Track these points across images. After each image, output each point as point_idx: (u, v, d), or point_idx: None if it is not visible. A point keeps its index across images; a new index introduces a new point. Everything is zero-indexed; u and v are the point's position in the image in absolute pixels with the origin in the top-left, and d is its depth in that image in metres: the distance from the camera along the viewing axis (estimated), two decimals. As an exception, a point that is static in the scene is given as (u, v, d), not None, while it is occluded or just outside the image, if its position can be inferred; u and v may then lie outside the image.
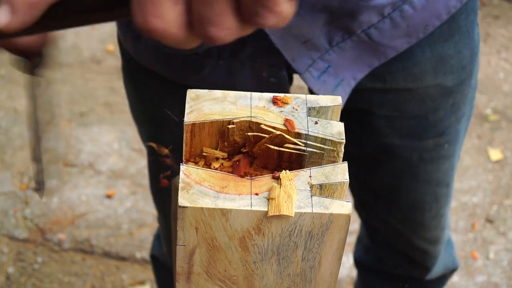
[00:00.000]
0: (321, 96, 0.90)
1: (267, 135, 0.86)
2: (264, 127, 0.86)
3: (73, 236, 2.37)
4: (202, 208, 0.79)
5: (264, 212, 0.79)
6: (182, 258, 0.85)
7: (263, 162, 0.87)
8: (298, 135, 0.86)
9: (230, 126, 0.87)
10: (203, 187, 0.81)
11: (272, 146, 0.85)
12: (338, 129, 0.87)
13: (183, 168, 0.83)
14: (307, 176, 0.83)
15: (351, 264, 2.22)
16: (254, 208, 0.79)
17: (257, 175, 0.85)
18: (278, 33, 1.08)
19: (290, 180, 0.82)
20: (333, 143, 0.86)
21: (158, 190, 1.49)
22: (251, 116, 0.87)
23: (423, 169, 1.36)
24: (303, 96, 0.89)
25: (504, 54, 3.00)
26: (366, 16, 1.10)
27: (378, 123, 1.28)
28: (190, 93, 0.89)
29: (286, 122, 0.86)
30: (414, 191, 1.41)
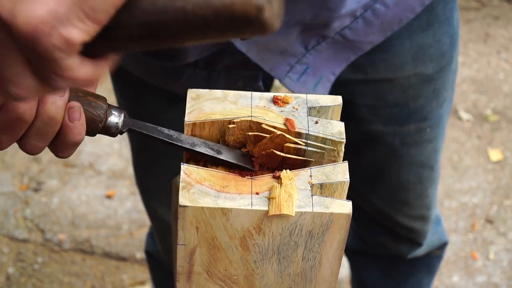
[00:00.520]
0: (321, 95, 0.90)
1: (267, 135, 0.86)
2: (266, 126, 0.86)
3: (73, 236, 2.36)
4: (202, 208, 0.79)
5: (265, 211, 0.79)
6: (182, 257, 0.85)
7: (264, 161, 0.87)
8: (299, 135, 0.86)
9: (230, 126, 0.87)
10: (203, 187, 0.81)
11: (278, 152, 0.85)
12: (338, 128, 0.87)
13: (184, 167, 0.83)
14: (307, 175, 0.83)
15: (351, 264, 2.22)
16: (254, 208, 0.79)
17: (257, 175, 0.85)
18: (254, 50, 1.11)
19: (290, 179, 0.82)
20: (333, 142, 0.86)
21: (145, 188, 1.50)
22: (251, 116, 0.87)
23: (406, 152, 1.39)
24: (303, 95, 0.89)
25: (504, 55, 3.00)
26: (338, 22, 1.13)
27: (361, 112, 1.31)
28: (191, 92, 0.89)
29: (286, 121, 0.86)
30: (398, 173, 1.43)
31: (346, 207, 0.81)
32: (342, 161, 0.87)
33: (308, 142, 0.86)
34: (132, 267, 2.31)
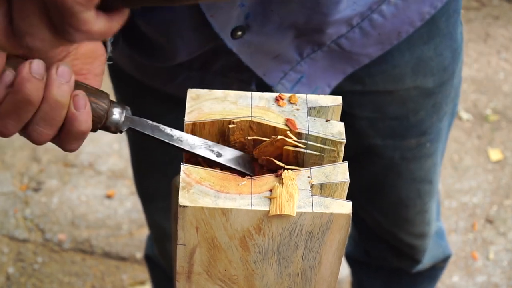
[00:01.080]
0: (321, 95, 0.90)
1: (266, 139, 0.86)
2: (267, 122, 0.86)
3: (73, 236, 2.37)
4: (202, 208, 0.79)
5: (265, 211, 0.79)
6: (182, 257, 0.85)
7: (264, 163, 0.87)
8: (299, 135, 0.86)
9: (230, 126, 0.87)
10: (203, 187, 0.81)
11: (277, 162, 0.85)
12: (338, 128, 0.87)
13: (184, 167, 0.83)
14: (307, 175, 0.83)
15: (351, 264, 2.22)
16: (254, 208, 0.79)
17: (257, 174, 0.85)
18: (246, 51, 1.10)
19: (292, 179, 0.81)
20: (333, 143, 0.86)
21: (144, 185, 1.50)
22: (251, 116, 0.87)
23: (406, 167, 1.38)
24: (303, 96, 0.89)
25: (504, 55, 3.00)
26: (334, 29, 1.11)
27: (360, 125, 1.29)
28: (191, 92, 0.89)
29: (287, 122, 0.86)
30: (398, 189, 1.42)
31: (346, 207, 0.81)
32: (342, 161, 0.87)
33: (308, 142, 0.86)
34: (132, 267, 2.31)
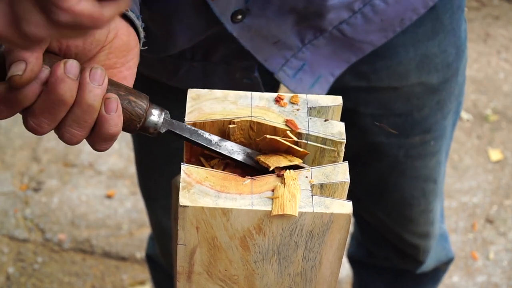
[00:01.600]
0: (321, 96, 0.89)
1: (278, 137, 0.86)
2: (267, 122, 0.86)
3: (73, 236, 2.36)
4: (203, 208, 0.79)
5: (265, 211, 0.79)
6: (182, 257, 0.85)
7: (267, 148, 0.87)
8: (299, 135, 0.86)
9: (231, 126, 0.87)
10: (204, 187, 0.81)
11: (282, 140, 0.85)
12: (338, 128, 0.87)
13: (184, 167, 0.83)
14: (308, 175, 0.83)
15: (351, 264, 2.22)
16: (255, 208, 0.79)
17: (257, 175, 0.85)
18: (247, 36, 1.09)
19: (294, 179, 0.81)
20: (333, 143, 0.86)
21: (146, 184, 1.50)
22: (251, 116, 0.87)
23: (410, 165, 1.37)
24: (303, 96, 0.89)
25: (504, 55, 3.00)
26: (334, 14, 1.11)
27: (364, 122, 1.29)
28: (191, 92, 0.89)
29: (288, 122, 0.86)
30: (402, 187, 1.42)
31: (346, 207, 0.81)
32: (342, 161, 0.87)
33: (308, 143, 0.86)
34: (132, 267, 2.31)
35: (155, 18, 1.07)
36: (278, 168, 0.83)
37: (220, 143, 0.85)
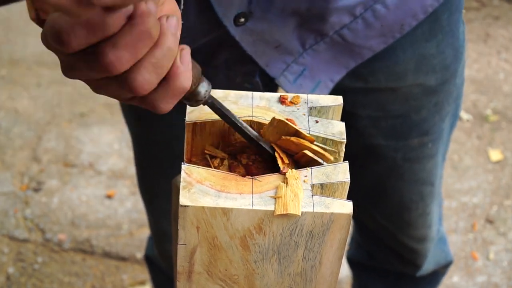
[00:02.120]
0: (322, 95, 0.90)
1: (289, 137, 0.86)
2: (268, 122, 0.86)
3: (73, 236, 2.37)
4: (203, 207, 0.79)
5: (266, 211, 0.79)
6: (183, 257, 0.85)
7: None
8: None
9: (231, 126, 0.87)
10: (204, 186, 0.81)
11: (294, 126, 0.85)
12: (339, 128, 0.87)
13: (184, 167, 0.83)
14: (308, 175, 0.83)
15: (351, 264, 2.22)
16: (255, 208, 0.79)
17: (257, 175, 0.85)
18: (249, 40, 1.09)
19: (296, 179, 0.81)
20: (334, 142, 0.86)
21: (147, 186, 1.50)
22: (252, 116, 0.87)
23: (408, 168, 1.37)
24: (304, 96, 0.89)
25: (504, 55, 3.00)
26: (336, 18, 1.11)
27: (362, 124, 1.29)
28: (191, 92, 0.89)
29: (288, 122, 0.86)
30: (400, 190, 1.42)
31: (346, 207, 0.81)
32: (342, 161, 0.87)
33: (309, 142, 0.86)
34: (132, 267, 2.31)
35: None
36: (287, 164, 0.83)
37: (248, 129, 0.85)
